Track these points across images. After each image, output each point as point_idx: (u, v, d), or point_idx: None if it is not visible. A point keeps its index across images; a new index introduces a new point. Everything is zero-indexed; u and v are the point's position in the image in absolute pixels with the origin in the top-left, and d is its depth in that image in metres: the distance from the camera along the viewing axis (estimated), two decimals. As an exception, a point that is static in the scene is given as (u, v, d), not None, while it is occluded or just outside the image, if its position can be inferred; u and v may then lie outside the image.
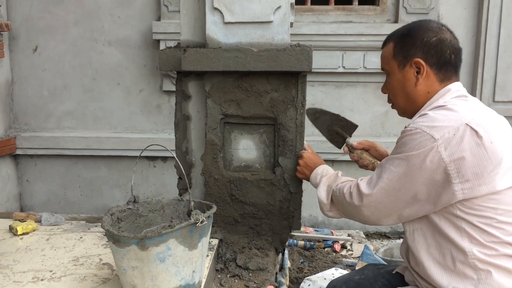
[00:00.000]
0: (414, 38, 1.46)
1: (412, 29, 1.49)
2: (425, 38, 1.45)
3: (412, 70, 1.47)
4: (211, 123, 2.07)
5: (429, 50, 1.44)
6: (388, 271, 1.72)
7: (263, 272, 1.97)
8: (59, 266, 1.81)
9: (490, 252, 1.29)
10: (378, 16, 3.63)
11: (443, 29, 1.46)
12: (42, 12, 3.76)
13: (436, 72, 1.45)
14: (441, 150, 1.27)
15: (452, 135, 1.27)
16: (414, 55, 1.46)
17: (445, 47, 1.43)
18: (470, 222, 1.30)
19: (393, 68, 1.53)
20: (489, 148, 1.27)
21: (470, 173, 1.26)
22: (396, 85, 1.53)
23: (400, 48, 1.50)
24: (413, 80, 1.47)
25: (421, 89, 1.47)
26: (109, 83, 3.82)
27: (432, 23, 1.49)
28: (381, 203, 1.43)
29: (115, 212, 1.66)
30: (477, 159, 1.26)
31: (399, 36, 1.52)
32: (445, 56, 1.44)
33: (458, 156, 1.26)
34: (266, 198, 2.09)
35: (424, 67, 1.44)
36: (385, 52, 1.57)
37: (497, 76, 3.54)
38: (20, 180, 3.97)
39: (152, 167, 3.88)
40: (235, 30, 2.00)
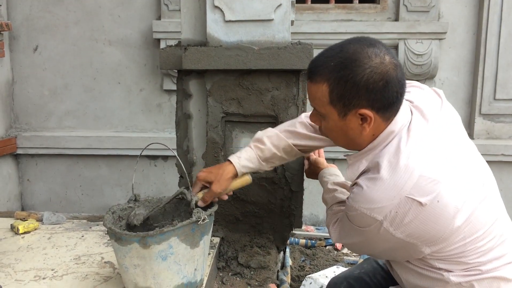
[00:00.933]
0: (357, 86, 1.21)
1: (351, 71, 1.21)
2: (370, 85, 1.20)
3: (356, 119, 1.26)
4: (212, 122, 2.07)
5: (375, 97, 1.21)
6: None
7: (265, 270, 1.97)
8: (61, 265, 1.81)
9: (471, 273, 1.25)
10: (379, 14, 3.63)
11: (386, 62, 1.21)
12: (42, 11, 3.76)
13: (382, 115, 1.25)
14: (388, 228, 1.19)
15: (395, 213, 1.17)
16: (358, 105, 1.23)
17: (392, 88, 1.22)
18: (442, 260, 1.25)
19: (330, 113, 1.29)
20: (437, 209, 1.16)
21: (429, 237, 1.19)
22: (337, 130, 1.33)
23: (339, 96, 1.24)
24: (358, 128, 1.28)
25: (367, 135, 1.29)
26: (109, 83, 3.82)
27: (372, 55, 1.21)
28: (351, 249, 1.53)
29: (117, 210, 1.66)
30: (429, 225, 1.17)
31: (335, 79, 1.23)
32: (392, 97, 1.23)
33: (409, 230, 1.18)
34: (267, 196, 2.09)
35: (371, 116, 1.24)
36: (317, 93, 1.28)
37: (498, 74, 3.53)
38: (21, 180, 3.97)
39: (153, 166, 3.88)
40: (236, 28, 2.00)
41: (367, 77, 1.20)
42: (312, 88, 1.30)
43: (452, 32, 3.57)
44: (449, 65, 3.62)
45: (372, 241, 1.27)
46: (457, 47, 3.61)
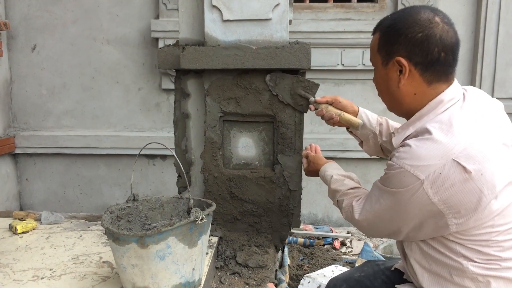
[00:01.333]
0: (398, 33, 1.30)
1: (398, 21, 1.32)
2: (409, 33, 1.28)
3: (395, 68, 1.33)
4: (210, 121, 2.07)
5: (413, 47, 1.28)
6: (387, 267, 1.72)
7: (263, 270, 1.97)
8: (59, 265, 1.81)
9: (490, 267, 1.25)
10: (377, 13, 3.63)
11: (434, 21, 1.28)
12: (40, 11, 3.75)
13: (421, 72, 1.30)
14: (427, 190, 1.19)
15: (438, 174, 1.18)
16: (397, 52, 1.31)
17: (432, 44, 1.26)
18: (464, 246, 1.25)
19: (377, 63, 1.40)
20: (479, 181, 1.17)
21: (462, 209, 1.20)
22: (380, 81, 1.42)
23: (384, 42, 1.35)
24: (396, 79, 1.34)
25: (406, 90, 1.34)
26: (108, 82, 3.81)
27: (423, 13, 1.29)
28: (373, 227, 1.43)
29: (115, 210, 1.66)
30: (467, 196, 1.18)
31: (385, 27, 1.36)
32: (432, 54, 1.27)
33: (446, 195, 1.19)
34: (266, 195, 2.10)
35: (406, 67, 1.30)
36: (372, 43, 1.42)
37: (496, 73, 3.53)
38: (19, 179, 3.97)
39: (152, 166, 3.88)
40: (233, 28, 2.00)
41: (408, 26, 1.29)
42: (371, 42, 1.43)
43: (454, 31, 3.57)
44: (448, 64, 3.62)
45: (404, 206, 1.26)
46: (459, 48, 3.61)
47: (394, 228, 1.36)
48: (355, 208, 1.48)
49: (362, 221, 1.45)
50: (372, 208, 1.39)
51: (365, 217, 1.43)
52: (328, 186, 1.73)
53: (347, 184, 1.65)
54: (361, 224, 1.47)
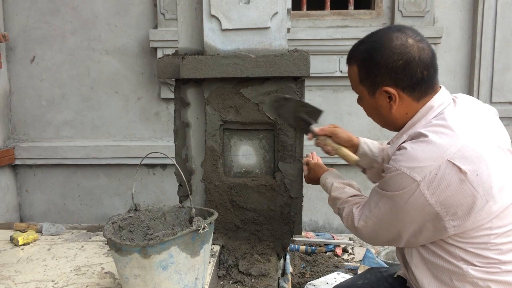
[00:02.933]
0: (378, 65, 1.32)
1: (374, 53, 1.33)
2: (389, 63, 1.31)
3: (383, 96, 1.36)
4: (211, 130, 2.07)
5: (397, 75, 1.31)
6: (390, 274, 1.72)
7: (266, 278, 1.97)
8: (61, 276, 1.81)
9: (490, 271, 1.26)
10: (374, 20, 3.65)
11: (408, 44, 1.31)
12: (39, 22, 3.77)
13: (410, 93, 1.33)
14: (424, 191, 1.21)
15: (434, 175, 1.19)
16: (381, 83, 1.34)
17: (414, 67, 1.30)
18: (463, 249, 1.26)
19: (363, 92, 1.42)
20: (475, 181, 1.19)
21: (459, 211, 1.21)
22: (370, 109, 1.45)
23: (365, 75, 1.37)
24: (387, 106, 1.37)
25: (398, 112, 1.37)
26: (107, 92, 3.82)
27: (395, 39, 1.32)
28: (373, 233, 1.43)
29: (117, 220, 1.66)
30: (463, 197, 1.19)
31: (361, 60, 1.37)
32: (416, 76, 1.31)
33: (443, 196, 1.20)
34: (267, 203, 2.10)
35: (395, 94, 1.33)
36: (351, 75, 1.44)
37: (494, 78, 3.55)
38: (19, 191, 3.96)
39: (152, 175, 3.88)
40: (232, 36, 2.01)
41: (386, 57, 1.31)
42: (348, 70, 1.45)
43: (447, 36, 3.60)
44: (445, 69, 3.64)
45: (402, 209, 1.27)
46: (452, 51, 3.63)
47: (394, 233, 1.36)
48: (355, 215, 1.48)
49: (362, 228, 1.45)
50: (371, 213, 1.40)
51: (365, 223, 1.43)
52: (329, 194, 1.73)
53: (347, 192, 1.65)
54: (361, 231, 1.47)
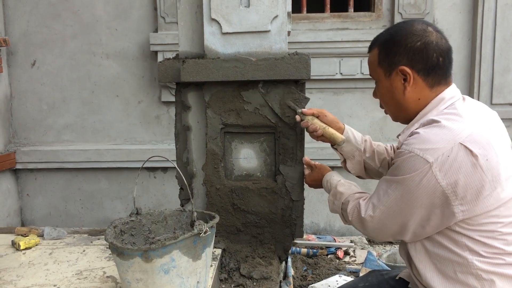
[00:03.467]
0: (397, 45, 1.41)
1: (395, 34, 1.43)
2: (408, 43, 1.39)
3: (399, 77, 1.42)
4: (212, 133, 2.07)
5: (414, 56, 1.38)
6: (391, 277, 1.71)
7: (267, 281, 1.97)
8: (63, 280, 1.81)
9: (494, 262, 1.27)
10: (374, 22, 3.66)
11: (428, 30, 1.39)
12: (39, 26, 3.78)
13: (424, 78, 1.40)
14: (436, 173, 1.24)
15: (446, 157, 1.23)
16: (399, 62, 1.41)
17: (431, 50, 1.37)
18: (470, 237, 1.28)
19: (380, 76, 1.49)
20: (484, 166, 1.23)
21: (468, 195, 1.23)
22: (385, 92, 1.50)
23: (384, 56, 1.45)
24: (401, 88, 1.43)
25: (411, 97, 1.42)
26: (107, 96, 3.83)
27: (417, 24, 1.41)
28: (380, 224, 1.42)
29: (118, 224, 1.66)
30: (473, 180, 1.22)
31: (382, 42, 1.47)
32: (432, 60, 1.38)
33: (454, 178, 1.23)
34: (268, 206, 2.10)
35: (410, 74, 1.39)
36: (370, 59, 1.53)
37: (494, 79, 3.56)
38: (20, 195, 3.96)
39: (153, 178, 3.88)
40: (233, 40, 2.02)
41: (406, 37, 1.40)
42: (369, 58, 1.54)
43: (447, 38, 3.59)
44: (445, 71, 3.64)
45: (412, 193, 1.28)
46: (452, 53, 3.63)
47: (401, 223, 1.36)
48: (361, 207, 1.48)
49: (369, 219, 1.44)
50: (380, 201, 1.40)
51: (372, 213, 1.43)
52: (334, 188, 1.72)
53: (354, 189, 1.67)
54: (368, 223, 1.45)
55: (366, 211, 1.45)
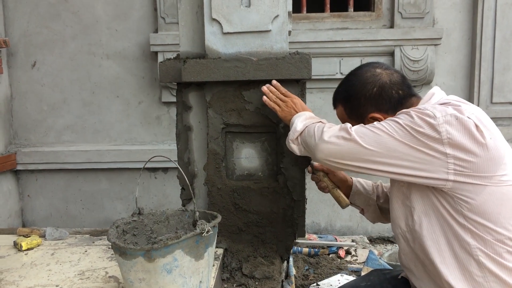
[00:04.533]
0: (357, 98, 1.49)
1: (350, 89, 1.52)
2: (366, 93, 1.47)
3: (372, 121, 1.46)
4: (213, 133, 2.08)
5: (376, 101, 1.46)
6: (393, 276, 1.72)
7: (269, 281, 1.97)
8: (65, 281, 1.81)
9: (500, 249, 1.28)
10: (374, 21, 3.66)
11: (377, 73, 1.48)
12: (39, 27, 3.78)
13: (394, 112, 1.44)
14: (441, 128, 1.25)
15: (454, 120, 1.26)
16: (366, 112, 1.48)
17: (388, 90, 1.45)
18: (473, 220, 1.29)
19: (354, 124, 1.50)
20: (489, 144, 1.25)
21: (466, 164, 1.25)
22: None
23: (350, 110, 1.54)
24: None
25: None
26: (108, 96, 3.83)
27: (365, 72, 1.50)
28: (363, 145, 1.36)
29: (120, 224, 1.66)
30: (475, 153, 1.24)
31: (342, 99, 1.56)
32: (393, 97, 1.46)
33: (456, 141, 1.24)
34: (270, 206, 2.10)
35: (381, 117, 1.45)
36: (339, 115, 1.61)
37: (494, 78, 3.56)
38: (21, 196, 3.96)
39: (153, 179, 3.88)
40: (234, 40, 2.02)
41: (361, 89, 1.49)
42: (337, 113, 1.63)
43: (447, 37, 3.61)
44: (445, 70, 3.65)
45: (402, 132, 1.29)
46: (452, 52, 3.65)
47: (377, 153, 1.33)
48: (332, 127, 1.47)
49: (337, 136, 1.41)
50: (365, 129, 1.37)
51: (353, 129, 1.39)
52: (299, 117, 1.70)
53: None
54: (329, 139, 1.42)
55: (339, 130, 1.43)
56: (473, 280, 1.31)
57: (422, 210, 1.37)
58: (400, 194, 1.45)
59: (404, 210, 1.44)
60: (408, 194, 1.40)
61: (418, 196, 1.37)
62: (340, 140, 1.41)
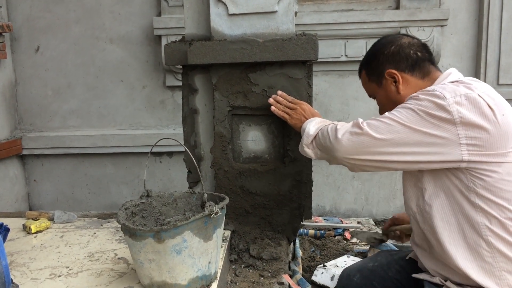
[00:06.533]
0: (377, 57, 1.56)
1: (372, 52, 1.60)
2: (385, 51, 1.54)
3: (389, 81, 1.53)
4: (219, 116, 2.07)
5: (394, 58, 1.51)
6: (401, 257, 1.73)
7: (277, 262, 1.98)
8: (75, 262, 1.83)
9: (507, 228, 1.29)
10: (379, 3, 3.62)
11: (398, 37, 1.56)
12: (42, 11, 3.76)
13: (411, 73, 1.50)
14: (451, 108, 1.26)
15: (464, 100, 1.27)
16: (384, 69, 1.53)
17: (406, 49, 1.51)
18: (486, 198, 1.29)
19: (374, 89, 1.61)
20: (500, 120, 1.26)
21: (480, 142, 1.25)
22: (384, 100, 1.59)
23: (370, 71, 1.59)
24: (394, 89, 1.52)
25: (406, 93, 1.47)
26: (112, 81, 3.82)
27: (388, 36, 1.60)
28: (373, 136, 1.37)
29: (129, 206, 1.67)
30: (487, 130, 1.25)
31: (365, 62, 1.63)
32: (411, 56, 1.50)
33: (468, 120, 1.25)
34: (276, 188, 2.10)
35: (397, 74, 1.50)
36: (362, 81, 1.68)
37: (501, 59, 3.52)
38: (27, 181, 3.98)
39: (159, 163, 3.89)
40: (239, 21, 2.00)
41: (380, 47, 1.57)
42: (361, 81, 1.69)
43: (454, 18, 3.56)
44: (452, 51, 3.62)
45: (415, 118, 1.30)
46: (459, 33, 3.60)
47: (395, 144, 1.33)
48: (345, 125, 1.48)
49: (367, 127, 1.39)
50: (384, 118, 1.37)
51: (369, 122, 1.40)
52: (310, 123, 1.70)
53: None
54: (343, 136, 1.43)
55: (353, 126, 1.44)
56: (482, 260, 1.32)
57: (433, 191, 1.38)
58: (412, 177, 1.45)
59: (416, 191, 1.44)
60: (420, 176, 1.40)
61: (430, 177, 1.38)
62: (353, 136, 1.42)
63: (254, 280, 1.86)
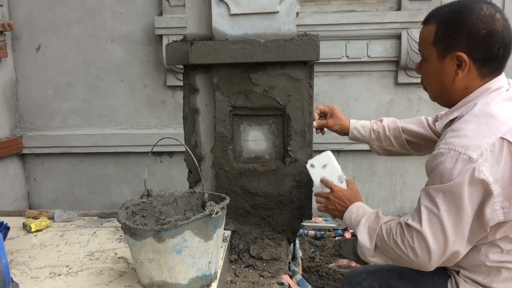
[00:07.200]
0: (460, 28, 1.29)
1: (460, 14, 1.30)
2: (472, 29, 1.28)
3: (453, 63, 1.33)
4: (220, 116, 2.07)
5: (475, 44, 1.28)
6: None
7: (277, 262, 1.98)
8: (75, 261, 1.83)
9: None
10: (381, 4, 3.62)
11: (496, 17, 1.28)
12: (44, 11, 3.76)
13: (479, 67, 1.32)
14: (482, 169, 1.18)
15: (490, 153, 1.19)
16: (457, 47, 1.31)
17: (494, 41, 1.28)
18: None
19: (431, 55, 1.39)
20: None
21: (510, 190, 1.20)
22: (433, 74, 1.41)
23: (442, 36, 1.33)
24: (452, 73, 1.35)
25: (460, 84, 1.35)
26: (113, 80, 3.82)
27: (485, 8, 1.29)
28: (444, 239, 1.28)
29: (130, 206, 1.67)
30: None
31: (443, 20, 1.34)
32: (492, 51, 1.29)
33: (499, 175, 1.19)
34: (277, 188, 2.10)
35: (467, 62, 1.31)
36: (424, 34, 1.40)
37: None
38: (27, 179, 3.98)
39: (159, 163, 3.89)
40: (241, 21, 2.00)
41: (472, 22, 1.28)
42: (423, 30, 1.41)
43: None
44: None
45: (460, 200, 1.21)
46: None
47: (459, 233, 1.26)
48: (412, 224, 1.31)
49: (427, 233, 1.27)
50: (433, 214, 1.27)
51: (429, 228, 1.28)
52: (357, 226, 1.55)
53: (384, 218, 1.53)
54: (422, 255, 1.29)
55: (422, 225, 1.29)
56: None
57: None
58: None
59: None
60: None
61: None
62: (424, 250, 1.30)
63: (254, 280, 1.86)
